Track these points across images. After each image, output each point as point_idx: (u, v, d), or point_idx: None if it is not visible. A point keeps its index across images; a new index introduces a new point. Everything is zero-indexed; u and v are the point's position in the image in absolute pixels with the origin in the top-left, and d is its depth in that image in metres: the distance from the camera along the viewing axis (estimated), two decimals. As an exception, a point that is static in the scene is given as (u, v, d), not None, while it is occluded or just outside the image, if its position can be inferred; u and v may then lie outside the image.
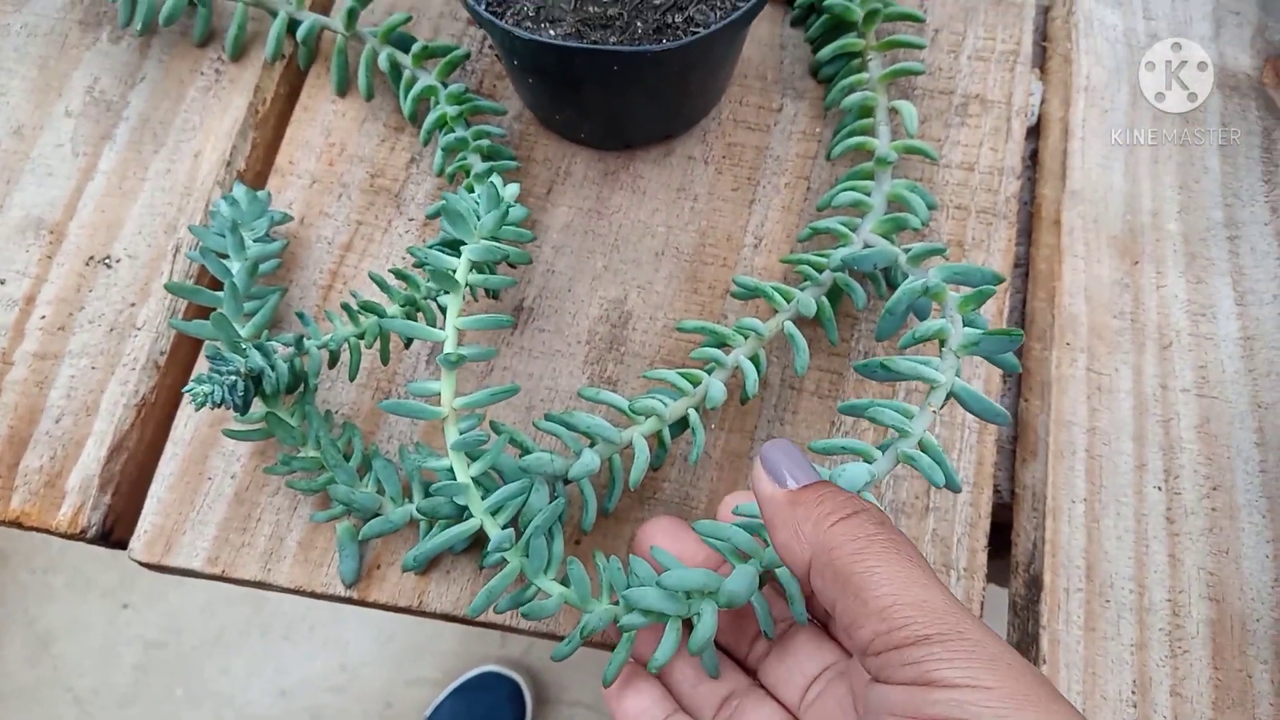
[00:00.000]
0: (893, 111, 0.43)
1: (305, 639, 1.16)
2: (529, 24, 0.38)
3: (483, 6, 0.38)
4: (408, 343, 0.41)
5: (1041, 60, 0.48)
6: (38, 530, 0.39)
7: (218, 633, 1.16)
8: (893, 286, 0.41)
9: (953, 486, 0.32)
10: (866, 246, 0.40)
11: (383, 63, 0.43)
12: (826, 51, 0.44)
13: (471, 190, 0.41)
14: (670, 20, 0.38)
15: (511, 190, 0.37)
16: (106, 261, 0.42)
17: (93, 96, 0.46)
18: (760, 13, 0.41)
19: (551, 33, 0.38)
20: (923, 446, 0.32)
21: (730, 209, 0.44)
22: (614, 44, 0.38)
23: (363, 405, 0.40)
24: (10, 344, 0.41)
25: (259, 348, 0.35)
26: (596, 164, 0.45)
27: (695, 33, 0.38)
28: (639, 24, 0.38)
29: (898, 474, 0.39)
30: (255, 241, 0.40)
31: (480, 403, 0.34)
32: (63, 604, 1.19)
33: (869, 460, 0.32)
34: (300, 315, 0.38)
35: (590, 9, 0.38)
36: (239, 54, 0.46)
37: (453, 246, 0.37)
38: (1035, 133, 0.47)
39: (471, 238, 0.35)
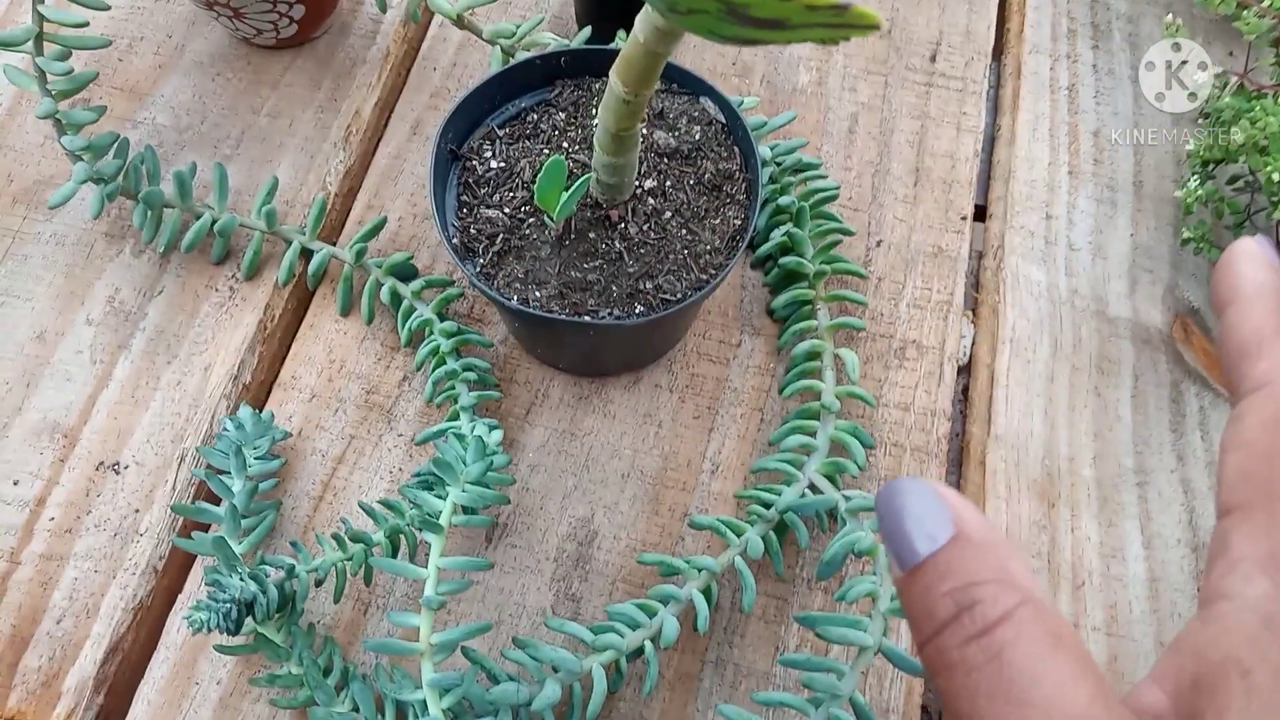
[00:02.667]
0: (837, 358, 0.48)
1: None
2: (518, 284, 0.43)
3: (476, 270, 0.43)
4: (390, 558, 0.44)
5: (974, 304, 0.54)
6: (30, 728, 0.42)
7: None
8: (835, 520, 0.45)
9: (876, 741, 0.36)
10: (812, 486, 0.44)
11: (385, 295, 0.48)
12: (781, 300, 0.50)
13: (457, 418, 0.46)
14: (642, 287, 0.43)
15: (495, 437, 0.41)
16: (115, 468, 0.46)
17: (113, 306, 0.50)
18: (723, 273, 0.46)
19: (537, 294, 0.43)
20: (852, 704, 0.36)
21: (691, 435, 0.49)
22: (592, 305, 0.43)
23: (343, 616, 0.44)
24: (19, 544, 0.44)
25: (254, 577, 0.39)
26: (572, 388, 0.50)
27: (665, 300, 0.43)
28: (614, 288, 0.43)
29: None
30: (256, 460, 0.44)
31: (455, 640, 0.37)
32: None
33: (806, 715, 0.36)
34: (294, 544, 0.41)
35: (572, 274, 0.43)
36: (253, 274, 0.50)
37: (438, 477, 0.41)
38: (968, 368, 0.52)
39: (458, 484, 0.39)
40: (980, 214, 0.57)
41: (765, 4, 0.21)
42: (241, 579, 0.39)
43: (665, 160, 0.46)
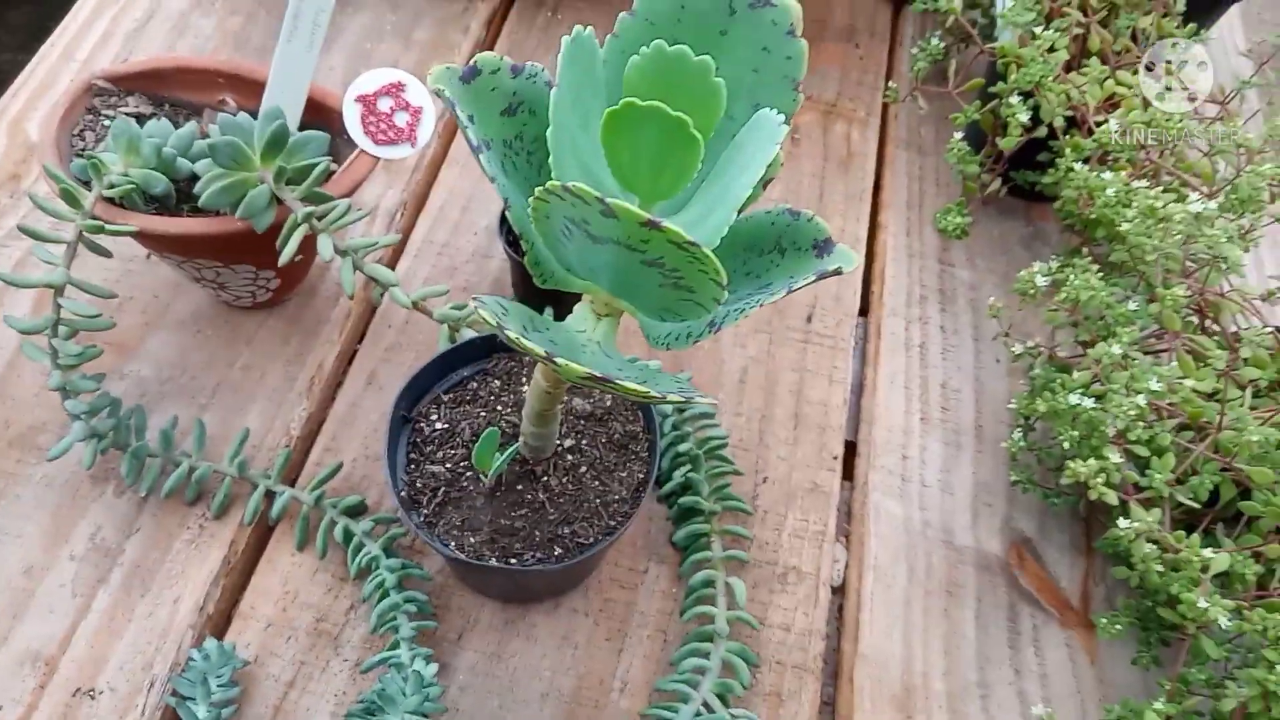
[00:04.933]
0: (728, 586, 0.57)
1: None
2: (456, 531, 0.51)
3: (420, 520, 0.51)
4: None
5: (847, 532, 0.63)
6: None
7: None
8: (726, 733, 0.52)
9: None
10: (706, 704, 0.52)
11: (338, 534, 0.56)
12: (681, 534, 0.59)
13: (397, 646, 0.53)
14: (560, 532, 0.52)
15: (430, 670, 0.48)
16: (91, 693, 0.52)
17: (94, 543, 0.56)
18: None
19: (472, 539, 0.51)
20: None
21: (603, 655, 0.56)
22: (518, 549, 0.51)
23: (292, 831, 0.49)
24: (-4, 768, 0.49)
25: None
26: (500, 613, 0.57)
27: (580, 544, 0.51)
28: (538, 533, 0.51)
29: None
30: (219, 687, 0.50)
31: None
32: None
33: None
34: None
35: (502, 521, 0.51)
36: (221, 514, 0.58)
37: (380, 706, 0.48)
38: (843, 588, 0.61)
39: (398, 715, 0.46)
40: (852, 449, 0.67)
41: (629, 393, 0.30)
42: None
43: (582, 422, 0.55)
